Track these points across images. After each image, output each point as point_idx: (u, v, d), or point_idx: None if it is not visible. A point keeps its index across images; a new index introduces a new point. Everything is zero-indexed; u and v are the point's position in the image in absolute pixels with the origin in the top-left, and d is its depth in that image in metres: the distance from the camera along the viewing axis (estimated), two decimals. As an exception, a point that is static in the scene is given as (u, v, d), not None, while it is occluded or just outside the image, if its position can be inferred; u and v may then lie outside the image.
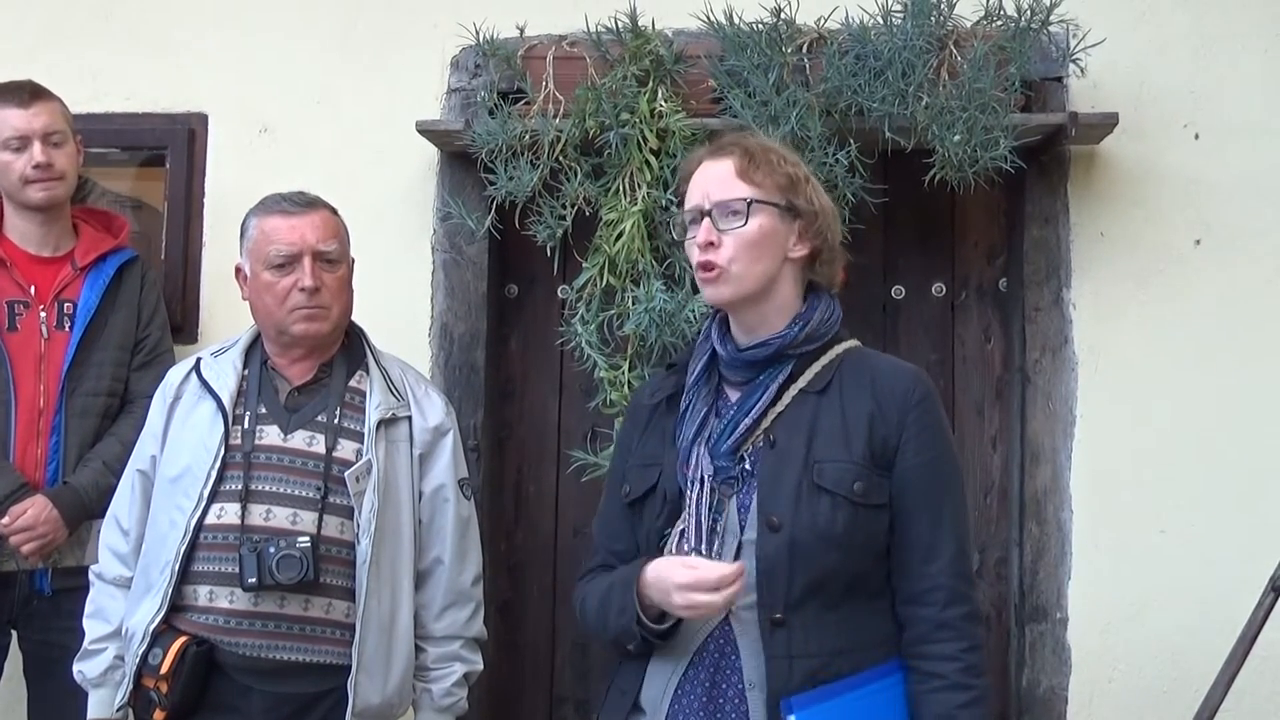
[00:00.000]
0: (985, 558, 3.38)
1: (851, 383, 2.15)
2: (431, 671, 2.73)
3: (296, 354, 2.74)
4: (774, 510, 2.08)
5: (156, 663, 2.57)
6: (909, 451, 2.11)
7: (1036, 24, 3.07)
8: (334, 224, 2.74)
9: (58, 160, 3.05)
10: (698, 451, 2.16)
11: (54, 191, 3.06)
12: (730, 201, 2.14)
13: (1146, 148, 3.26)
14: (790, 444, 2.11)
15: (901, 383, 2.15)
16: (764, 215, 2.14)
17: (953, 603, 2.09)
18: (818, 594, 2.07)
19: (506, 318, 3.52)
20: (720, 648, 2.10)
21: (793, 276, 2.18)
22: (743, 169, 2.15)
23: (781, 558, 2.07)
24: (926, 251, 3.42)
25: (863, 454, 2.09)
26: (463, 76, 3.41)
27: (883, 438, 2.11)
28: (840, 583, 2.08)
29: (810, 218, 2.16)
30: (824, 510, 2.07)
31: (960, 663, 2.08)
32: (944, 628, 2.09)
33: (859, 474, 2.08)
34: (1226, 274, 3.23)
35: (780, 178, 2.15)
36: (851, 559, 2.08)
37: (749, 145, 2.20)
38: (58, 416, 3.02)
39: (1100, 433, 3.23)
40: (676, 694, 2.11)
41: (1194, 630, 3.14)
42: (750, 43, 3.07)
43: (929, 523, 2.11)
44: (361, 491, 2.63)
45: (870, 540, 2.10)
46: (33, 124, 3.02)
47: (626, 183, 3.11)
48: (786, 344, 2.15)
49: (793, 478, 2.09)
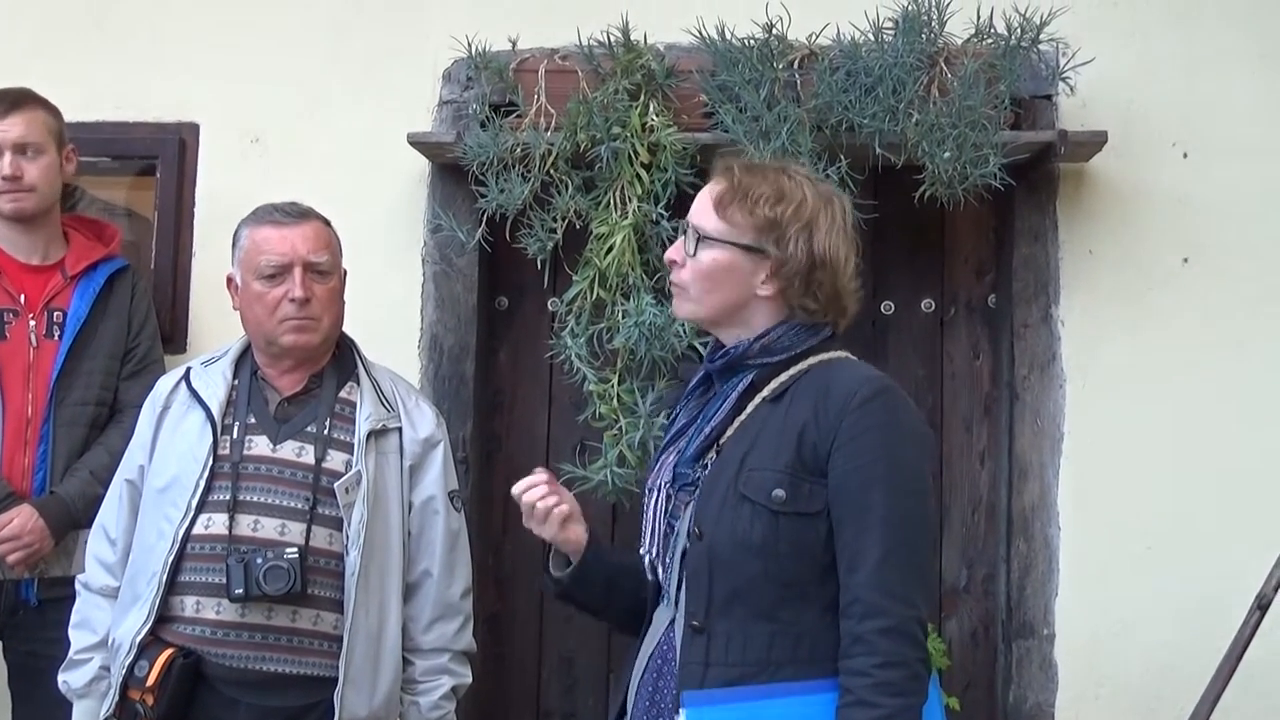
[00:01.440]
0: (973, 574, 3.39)
1: (804, 392, 2.09)
2: (419, 684, 2.72)
3: (286, 365, 2.73)
4: (702, 519, 2.08)
5: (143, 674, 2.55)
6: (840, 457, 2.02)
7: (1027, 42, 3.09)
8: (326, 235, 2.74)
9: (28, 172, 3.03)
10: (666, 459, 2.19)
11: (22, 204, 3.04)
12: (696, 227, 2.14)
13: (1135, 166, 3.27)
14: (732, 453, 2.10)
15: (847, 387, 2.06)
16: (719, 250, 2.11)
17: (869, 616, 1.97)
18: (741, 603, 2.03)
19: (496, 330, 3.52)
20: (664, 654, 2.12)
21: (768, 310, 2.13)
22: (719, 200, 2.13)
23: (702, 565, 2.06)
24: (916, 267, 3.43)
25: (789, 461, 2.04)
26: (454, 89, 3.41)
27: (813, 444, 2.03)
28: (768, 593, 2.02)
29: (779, 263, 2.10)
30: (743, 518, 2.04)
31: (869, 679, 1.95)
32: (858, 642, 1.97)
33: (780, 481, 2.03)
34: (1214, 292, 3.24)
35: (757, 219, 2.10)
36: (775, 568, 2.02)
37: (738, 178, 2.15)
38: (45, 426, 3.00)
39: (1088, 449, 3.24)
40: (636, 698, 2.15)
41: (1180, 647, 3.14)
42: (742, 58, 3.08)
43: (854, 531, 2.01)
44: (351, 503, 2.63)
45: (800, 550, 2.03)
46: (5, 135, 3.01)
47: (617, 196, 3.11)
48: (739, 355, 2.13)
49: (723, 486, 2.07)
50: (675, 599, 2.11)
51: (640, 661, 2.17)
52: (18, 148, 3.02)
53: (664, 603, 2.17)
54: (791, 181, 2.15)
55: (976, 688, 3.37)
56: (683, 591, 2.09)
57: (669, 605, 2.14)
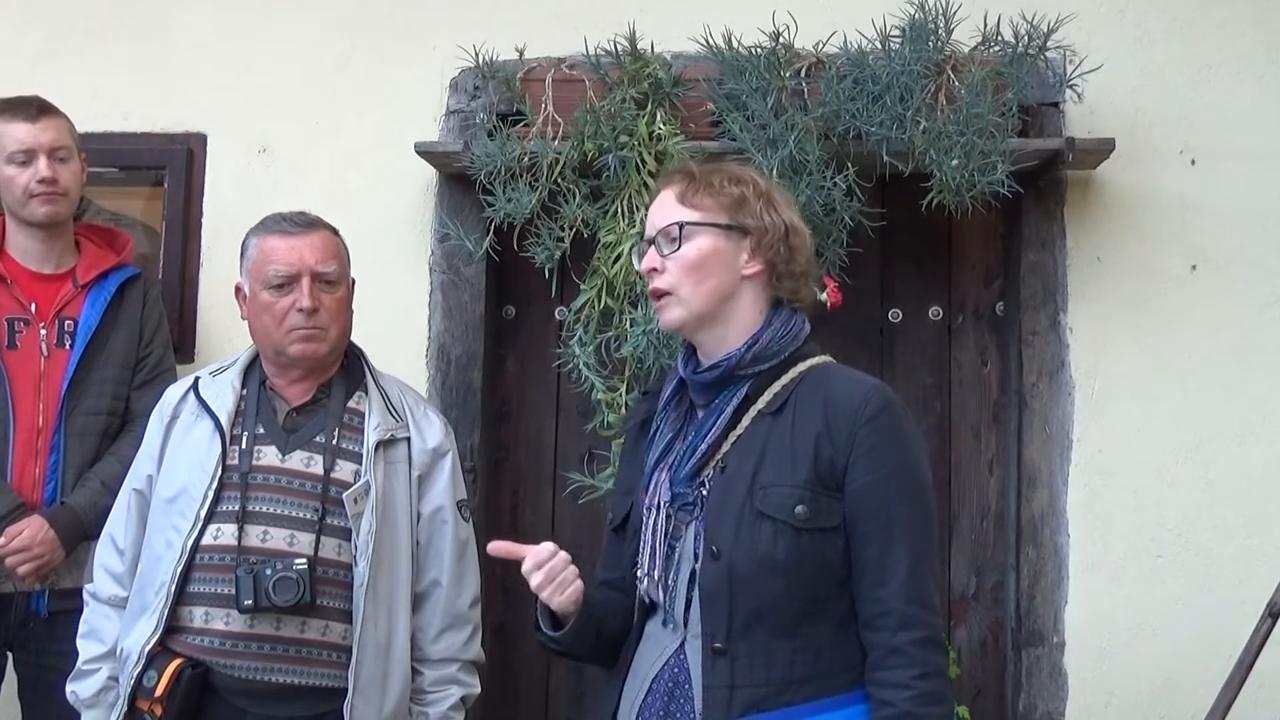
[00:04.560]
0: (982, 581, 3.38)
1: (805, 402, 2.08)
2: (428, 694, 2.71)
3: (294, 374, 2.73)
4: (716, 537, 2.06)
5: (151, 685, 2.54)
6: (858, 470, 2.03)
7: (1034, 50, 3.09)
8: (334, 245, 2.74)
9: (62, 176, 3.05)
10: (658, 477, 2.16)
11: (57, 207, 3.06)
12: (667, 228, 2.15)
13: (1143, 173, 3.27)
14: (740, 469, 2.08)
15: (853, 399, 2.06)
16: (702, 236, 2.13)
17: (904, 627, 1.99)
18: (763, 622, 2.03)
19: (504, 339, 3.52)
20: (675, 676, 2.10)
21: (753, 294, 2.15)
22: (682, 194, 2.16)
23: (721, 586, 2.04)
24: (923, 275, 3.43)
25: (808, 476, 2.03)
26: (462, 98, 3.41)
27: (829, 458, 2.03)
28: (790, 610, 2.02)
29: (759, 234, 2.13)
30: (764, 537, 2.03)
31: (911, 691, 1.97)
32: (895, 654, 1.99)
33: (801, 497, 2.02)
34: (1222, 299, 3.24)
35: (724, 198, 2.14)
36: (798, 585, 2.02)
37: (691, 170, 2.21)
38: (56, 435, 3.00)
39: (1097, 457, 3.23)
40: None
41: (1191, 655, 3.13)
42: (749, 66, 3.09)
43: (880, 544, 2.02)
44: (359, 513, 2.62)
45: (821, 565, 2.03)
46: (40, 139, 3.02)
47: (625, 205, 3.12)
48: (734, 365, 2.12)
49: (736, 504, 2.06)
50: (683, 620, 2.09)
51: (641, 684, 2.13)
52: (52, 152, 3.04)
53: (666, 626, 2.13)
54: (738, 168, 2.25)
55: (986, 696, 3.36)
56: (693, 613, 2.07)
57: (675, 628, 2.11)
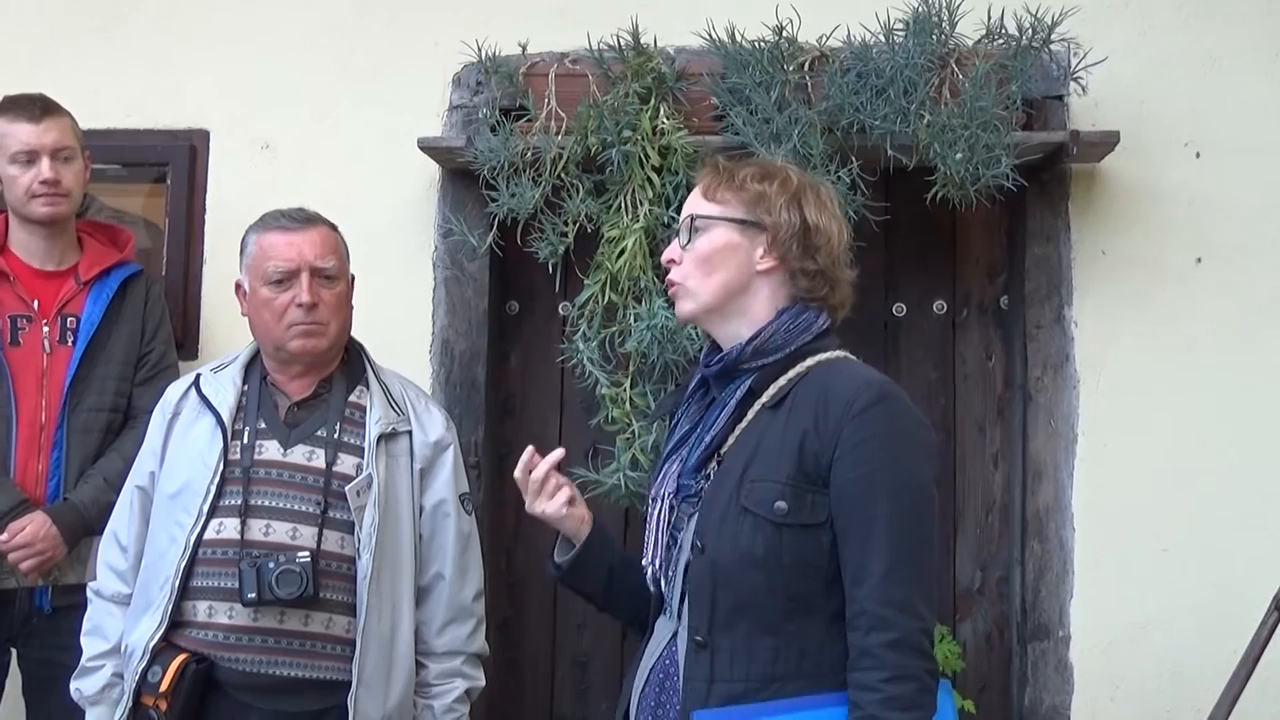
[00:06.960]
0: (987, 576, 3.38)
1: (803, 397, 2.06)
2: (433, 688, 2.72)
3: (295, 370, 2.73)
4: (704, 531, 2.06)
5: (156, 680, 2.55)
6: (842, 466, 2.00)
7: (1038, 42, 3.08)
8: (333, 240, 2.74)
9: (65, 177, 3.05)
10: (669, 468, 2.18)
11: (59, 208, 3.06)
12: (685, 220, 2.18)
13: (1147, 166, 3.26)
14: (734, 463, 2.08)
15: (845, 393, 2.02)
16: (716, 230, 2.15)
17: (875, 629, 1.94)
18: (745, 617, 2.01)
19: (507, 334, 3.52)
20: (666, 669, 2.11)
21: (769, 290, 2.15)
22: (707, 188, 2.19)
23: (705, 579, 2.04)
24: (928, 269, 3.43)
25: (791, 472, 2.01)
26: (464, 93, 3.41)
27: (814, 453, 2.01)
28: (773, 606, 2.00)
29: (774, 230, 2.13)
30: (745, 531, 2.01)
31: (877, 694, 1.92)
32: (866, 655, 1.95)
33: (782, 493, 2.00)
34: (1228, 292, 3.23)
35: (745, 193, 2.15)
36: (779, 581, 2.00)
37: (719, 164, 2.22)
38: (59, 432, 3.01)
39: (1102, 450, 3.23)
40: (638, 711, 2.14)
41: (1197, 649, 3.13)
42: (752, 60, 3.08)
43: (859, 542, 1.98)
44: (362, 506, 2.63)
45: (803, 562, 2.00)
46: (43, 139, 3.02)
47: (628, 200, 3.11)
48: (734, 359, 2.12)
49: (725, 497, 2.05)
50: (678, 612, 2.10)
51: (641, 674, 2.16)
52: (54, 153, 3.04)
53: (666, 615, 2.15)
54: (776, 165, 2.24)
55: (991, 690, 3.35)
56: (685, 605, 2.08)
57: (671, 618, 2.12)
